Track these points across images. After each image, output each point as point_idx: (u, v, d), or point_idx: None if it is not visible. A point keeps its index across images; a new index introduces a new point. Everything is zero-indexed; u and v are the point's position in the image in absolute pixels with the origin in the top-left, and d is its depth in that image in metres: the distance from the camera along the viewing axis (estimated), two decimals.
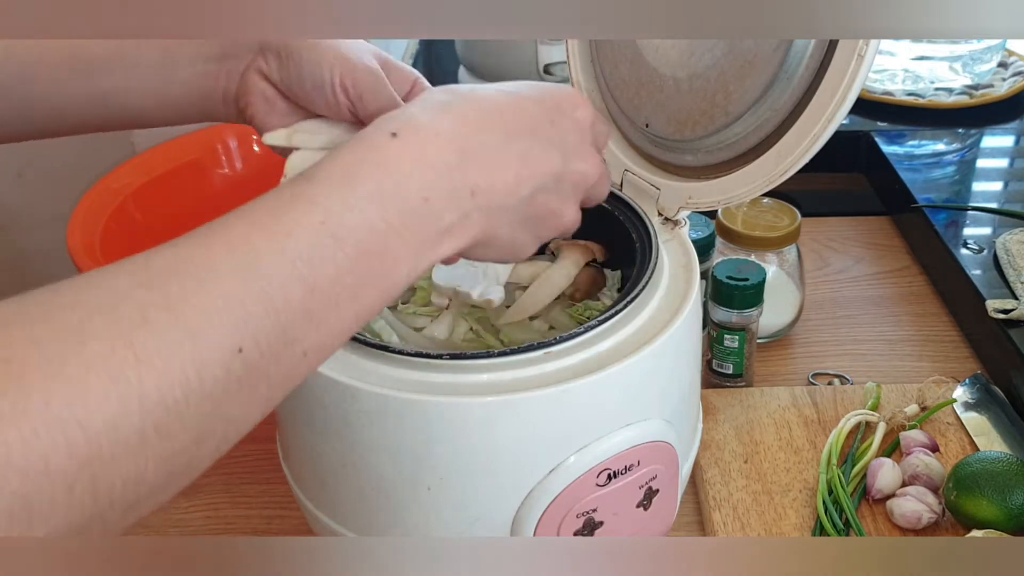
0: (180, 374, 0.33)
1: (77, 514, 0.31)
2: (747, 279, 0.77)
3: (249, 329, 0.35)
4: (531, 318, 0.63)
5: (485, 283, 0.61)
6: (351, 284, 0.38)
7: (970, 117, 1.15)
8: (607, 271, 0.66)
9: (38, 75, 0.55)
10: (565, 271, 0.64)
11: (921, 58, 1.19)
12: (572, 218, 0.49)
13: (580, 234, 0.67)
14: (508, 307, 0.62)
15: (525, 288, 0.64)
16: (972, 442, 0.75)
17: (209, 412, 0.35)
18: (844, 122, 0.54)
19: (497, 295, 0.61)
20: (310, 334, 0.38)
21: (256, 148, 1.00)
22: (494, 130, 0.44)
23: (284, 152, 0.54)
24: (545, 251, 0.67)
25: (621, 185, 0.67)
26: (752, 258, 0.83)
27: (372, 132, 0.41)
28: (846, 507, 0.68)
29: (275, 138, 0.54)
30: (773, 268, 0.86)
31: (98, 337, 0.32)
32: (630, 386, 0.53)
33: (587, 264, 0.65)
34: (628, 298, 0.54)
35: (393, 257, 0.40)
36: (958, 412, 0.77)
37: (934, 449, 0.72)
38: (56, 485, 0.30)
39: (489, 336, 0.62)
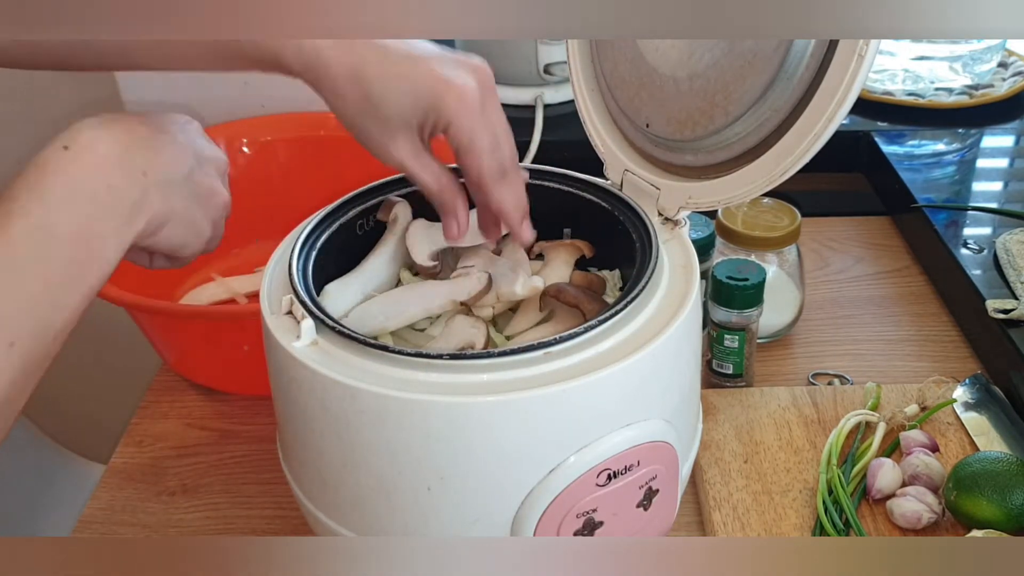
0: None
1: None
2: (747, 279, 0.77)
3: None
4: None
5: (519, 277, 0.61)
6: (75, 272, 0.48)
7: (970, 117, 1.15)
8: (607, 271, 0.66)
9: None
10: (559, 271, 0.63)
11: (921, 58, 1.19)
12: (226, 196, 0.58)
13: (574, 234, 0.67)
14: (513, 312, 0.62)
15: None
16: (972, 442, 0.75)
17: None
18: (844, 122, 0.54)
19: (539, 282, 0.61)
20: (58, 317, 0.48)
21: (245, 149, 1.00)
22: (142, 129, 0.53)
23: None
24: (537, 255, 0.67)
25: (621, 185, 0.67)
26: (752, 258, 0.83)
27: (48, 151, 0.49)
28: (846, 507, 0.68)
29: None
30: (773, 268, 0.86)
31: None
32: (630, 386, 0.53)
33: (577, 262, 0.65)
34: (628, 298, 0.54)
35: (100, 238, 0.49)
36: (958, 412, 0.77)
37: (934, 449, 0.72)
38: None
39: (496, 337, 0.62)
